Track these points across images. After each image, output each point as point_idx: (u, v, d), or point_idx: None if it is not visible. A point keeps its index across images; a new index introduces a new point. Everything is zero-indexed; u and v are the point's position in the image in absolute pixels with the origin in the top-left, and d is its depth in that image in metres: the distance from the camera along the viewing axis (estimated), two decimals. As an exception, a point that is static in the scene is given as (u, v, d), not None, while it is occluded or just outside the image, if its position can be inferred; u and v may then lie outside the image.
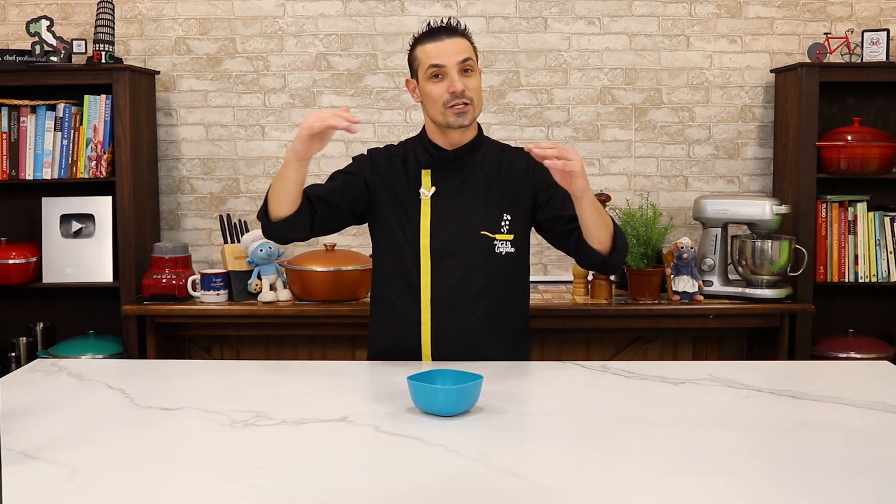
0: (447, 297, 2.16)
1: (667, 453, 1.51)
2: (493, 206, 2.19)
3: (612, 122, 3.56)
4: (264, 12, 3.54)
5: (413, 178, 2.21)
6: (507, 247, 2.19)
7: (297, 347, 3.44)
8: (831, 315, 3.48)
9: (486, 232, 2.18)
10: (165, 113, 3.58)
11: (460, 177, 2.20)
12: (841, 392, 1.87)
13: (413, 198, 2.20)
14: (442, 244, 2.17)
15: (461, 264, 2.16)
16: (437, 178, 2.21)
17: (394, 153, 2.26)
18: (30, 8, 3.52)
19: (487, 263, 2.17)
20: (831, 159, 3.26)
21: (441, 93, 2.12)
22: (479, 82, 2.17)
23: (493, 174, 2.21)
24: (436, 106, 2.14)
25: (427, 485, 1.37)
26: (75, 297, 3.53)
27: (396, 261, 2.21)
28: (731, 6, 3.52)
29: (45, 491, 1.35)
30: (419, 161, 2.22)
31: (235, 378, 2.05)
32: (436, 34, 2.14)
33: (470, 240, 2.17)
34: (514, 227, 2.20)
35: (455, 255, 2.17)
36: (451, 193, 2.19)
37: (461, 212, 2.18)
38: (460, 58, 2.11)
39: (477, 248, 2.17)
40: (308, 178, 3.53)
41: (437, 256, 2.17)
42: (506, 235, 2.19)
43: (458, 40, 2.14)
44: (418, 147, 2.24)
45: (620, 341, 3.43)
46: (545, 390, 1.95)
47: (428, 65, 2.12)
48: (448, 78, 2.11)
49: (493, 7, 3.53)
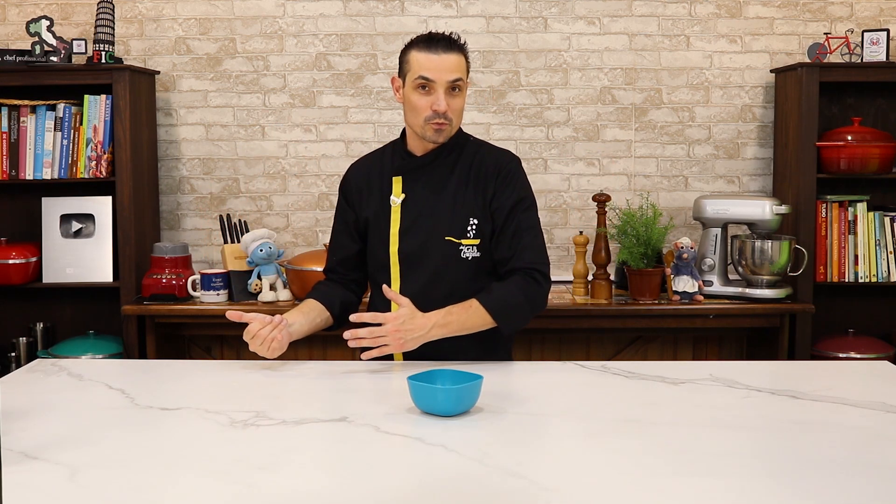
0: (415, 302, 2.11)
1: (667, 453, 1.51)
2: (459, 210, 2.18)
3: (612, 122, 3.56)
4: (264, 12, 3.54)
5: (387, 185, 2.24)
6: (472, 252, 2.18)
7: (297, 347, 3.42)
8: (831, 315, 3.48)
9: (452, 237, 2.18)
10: (165, 113, 3.58)
11: (431, 182, 2.21)
12: (841, 392, 1.87)
13: (386, 205, 2.22)
14: (408, 251, 2.18)
15: (426, 270, 2.17)
16: (407, 185, 2.22)
17: (372, 163, 2.29)
18: (30, 8, 3.52)
19: (452, 269, 2.17)
20: (831, 159, 3.26)
21: (424, 107, 2.12)
22: (463, 101, 2.18)
23: (462, 178, 2.20)
24: (416, 118, 2.15)
25: (427, 485, 1.37)
26: (75, 297, 3.53)
27: (373, 267, 2.26)
28: (731, 6, 3.52)
29: (45, 491, 1.35)
30: (393, 168, 2.24)
31: (235, 378, 2.05)
32: (434, 45, 2.12)
33: (435, 246, 2.18)
34: (480, 231, 2.19)
35: (421, 261, 2.18)
36: (419, 199, 2.20)
37: (428, 217, 2.19)
38: (451, 77, 2.11)
39: (441, 253, 2.17)
40: (309, 177, 3.57)
41: (404, 263, 2.19)
42: (472, 240, 2.18)
43: (454, 57, 2.12)
44: (396, 153, 2.26)
45: (620, 341, 3.43)
46: (545, 390, 1.95)
47: (418, 75, 2.11)
48: (434, 94, 2.11)
49: (493, 7, 3.53)
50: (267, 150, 3.59)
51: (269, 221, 3.60)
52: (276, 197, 3.60)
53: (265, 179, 3.59)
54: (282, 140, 3.58)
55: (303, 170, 3.58)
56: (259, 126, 3.58)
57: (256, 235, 3.19)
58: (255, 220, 3.59)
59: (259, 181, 3.60)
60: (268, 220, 3.60)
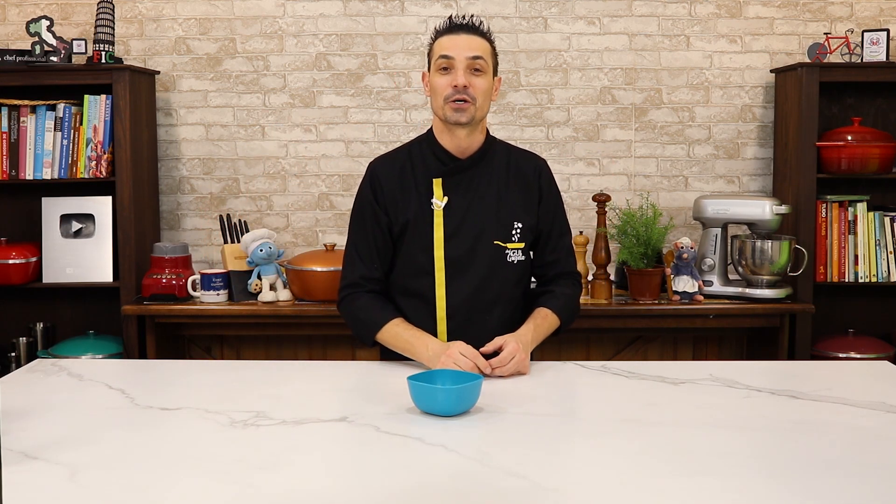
0: (462, 308, 2.12)
1: (666, 453, 1.51)
2: (504, 214, 2.15)
3: (612, 122, 3.56)
4: (264, 12, 3.54)
5: (423, 187, 2.15)
6: (517, 255, 2.17)
7: (297, 347, 3.45)
8: (831, 315, 3.48)
9: (499, 241, 2.15)
10: (165, 113, 3.58)
11: (472, 185, 2.15)
12: (841, 392, 1.87)
13: (426, 208, 2.14)
14: (456, 255, 2.13)
15: (475, 275, 2.13)
16: (448, 187, 2.14)
17: (399, 162, 2.19)
18: (30, 8, 3.52)
19: (499, 274, 2.15)
20: (831, 159, 3.26)
21: (444, 86, 2.08)
22: (489, 84, 2.11)
23: (502, 181, 2.17)
24: (437, 99, 2.10)
25: (427, 485, 1.37)
26: (75, 297, 3.53)
27: (409, 273, 2.16)
28: (731, 6, 3.52)
29: (45, 491, 1.35)
30: (429, 169, 2.15)
31: (235, 378, 2.05)
32: (454, 28, 2.11)
33: (483, 250, 2.14)
34: (524, 234, 2.18)
35: (469, 266, 2.13)
36: (463, 203, 2.14)
37: (474, 221, 2.14)
38: (471, 54, 2.07)
39: (490, 258, 2.14)
40: (309, 177, 3.57)
41: (451, 268, 2.13)
42: (517, 244, 2.16)
43: (475, 38, 2.09)
44: (427, 152, 2.17)
45: (620, 341, 3.43)
46: (545, 390, 1.95)
47: (438, 55, 2.09)
48: (454, 71, 2.07)
49: (493, 7, 3.53)
50: (267, 150, 3.59)
51: (269, 221, 3.60)
52: (276, 197, 3.60)
53: (265, 179, 3.59)
54: (282, 140, 3.58)
55: (303, 170, 3.58)
56: (259, 126, 3.58)
57: (256, 235, 3.19)
58: (255, 220, 3.59)
59: (259, 181, 3.60)
60: (268, 220, 3.60)
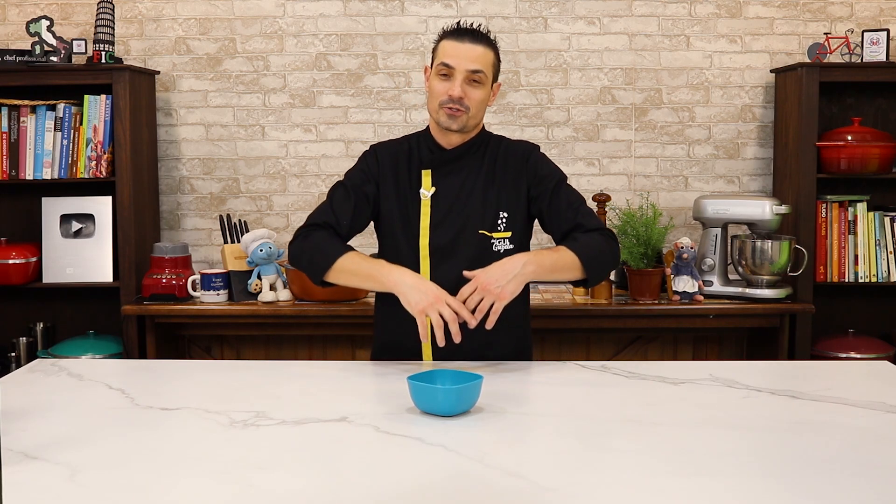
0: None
1: (666, 453, 1.51)
2: (490, 204, 2.20)
3: (612, 122, 3.56)
4: (264, 12, 3.54)
5: (415, 177, 2.23)
6: (505, 244, 2.20)
7: (297, 347, 3.45)
8: (831, 315, 3.48)
9: (484, 231, 2.19)
10: (165, 113, 3.58)
11: (460, 176, 2.22)
12: (841, 392, 1.87)
13: (414, 198, 2.21)
14: (440, 244, 2.18)
15: (458, 264, 2.15)
16: (437, 178, 2.22)
17: (398, 150, 2.26)
18: (30, 8, 3.52)
19: (485, 262, 2.15)
20: (831, 159, 3.26)
21: (441, 92, 2.15)
22: (485, 94, 2.18)
23: (489, 172, 2.22)
24: (433, 102, 2.18)
25: (427, 485, 1.37)
26: (75, 297, 3.53)
27: (397, 261, 2.20)
28: (731, 6, 3.52)
29: (45, 491, 1.35)
30: (422, 161, 2.24)
31: (235, 378, 2.05)
32: (461, 34, 2.15)
33: (468, 239, 2.18)
34: (511, 223, 2.20)
35: (453, 254, 2.17)
36: (450, 193, 2.21)
37: (459, 211, 2.19)
38: (471, 67, 2.13)
39: (475, 247, 2.18)
40: (309, 177, 3.57)
41: (435, 257, 2.18)
42: (503, 233, 2.20)
43: (479, 48, 2.14)
44: (422, 145, 2.26)
45: (620, 341, 3.43)
46: (545, 390, 1.95)
47: (440, 61, 2.15)
48: (453, 80, 2.13)
49: (493, 7, 3.53)
50: (267, 150, 3.59)
51: (269, 221, 3.60)
52: (276, 197, 3.60)
53: (265, 179, 3.59)
54: (282, 140, 3.58)
55: (303, 170, 3.58)
56: (259, 126, 3.58)
57: (256, 235, 3.19)
58: (255, 220, 3.59)
59: (259, 181, 3.60)
60: (268, 220, 3.60)
